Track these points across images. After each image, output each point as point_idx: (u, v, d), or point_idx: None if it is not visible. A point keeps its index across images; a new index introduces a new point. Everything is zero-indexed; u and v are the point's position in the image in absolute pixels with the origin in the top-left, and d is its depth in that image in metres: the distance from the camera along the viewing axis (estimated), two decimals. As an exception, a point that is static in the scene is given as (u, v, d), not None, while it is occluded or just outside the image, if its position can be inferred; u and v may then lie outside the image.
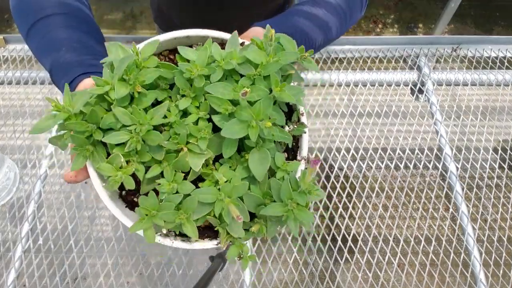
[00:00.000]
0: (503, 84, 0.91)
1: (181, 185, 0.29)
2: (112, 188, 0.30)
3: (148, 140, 0.29)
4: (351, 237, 0.78)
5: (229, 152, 0.30)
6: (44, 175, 0.79)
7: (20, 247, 0.73)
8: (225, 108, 0.29)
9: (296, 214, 0.29)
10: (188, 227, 0.29)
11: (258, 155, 0.30)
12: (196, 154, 0.30)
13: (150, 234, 0.30)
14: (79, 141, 0.29)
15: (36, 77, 0.88)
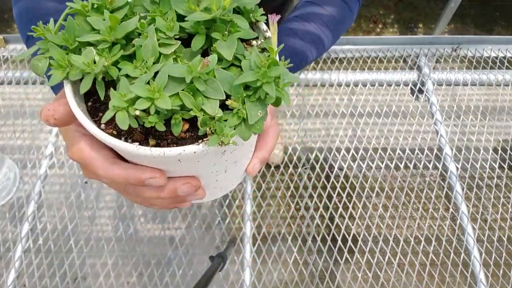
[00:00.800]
0: (503, 84, 0.91)
1: (152, 68, 0.28)
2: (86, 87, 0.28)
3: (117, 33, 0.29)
4: (351, 237, 0.78)
5: (197, 44, 0.30)
6: (44, 175, 0.79)
7: (20, 247, 0.73)
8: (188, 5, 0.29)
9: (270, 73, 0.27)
10: (161, 100, 0.27)
11: (225, 43, 0.30)
12: (165, 45, 0.29)
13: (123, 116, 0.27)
14: (58, 52, 0.29)
15: (36, 77, 0.88)
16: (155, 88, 0.26)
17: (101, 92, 0.30)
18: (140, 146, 0.28)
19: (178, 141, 0.30)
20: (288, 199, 0.84)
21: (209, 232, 1.19)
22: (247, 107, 0.28)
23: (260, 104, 0.29)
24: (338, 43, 0.94)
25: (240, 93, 0.28)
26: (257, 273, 0.75)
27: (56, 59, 0.29)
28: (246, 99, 0.29)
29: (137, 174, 0.30)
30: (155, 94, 0.26)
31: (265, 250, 0.78)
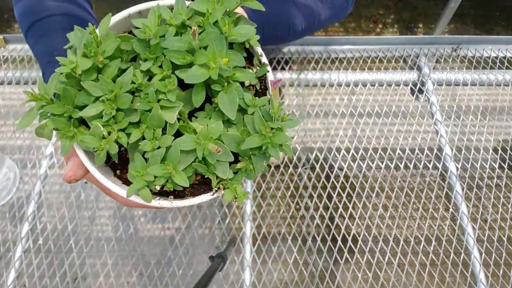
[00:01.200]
0: (503, 84, 0.91)
1: (161, 140, 0.31)
2: (100, 161, 0.30)
3: (121, 104, 0.30)
4: (351, 237, 0.78)
5: (198, 100, 0.32)
6: (44, 175, 0.79)
7: (20, 247, 0.73)
8: (183, 58, 0.30)
9: (274, 140, 0.30)
10: (178, 177, 0.30)
11: (226, 97, 0.31)
12: (168, 108, 0.31)
13: (145, 193, 0.31)
14: (60, 123, 0.30)
15: (36, 77, 0.88)
16: (171, 167, 0.29)
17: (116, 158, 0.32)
18: (162, 202, 0.33)
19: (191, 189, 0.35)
20: (288, 199, 0.84)
21: (209, 232, 1.19)
22: (254, 161, 0.32)
23: (265, 157, 0.32)
24: (338, 43, 0.94)
25: (247, 153, 0.32)
26: (257, 273, 0.75)
27: (62, 130, 0.30)
28: (252, 156, 0.32)
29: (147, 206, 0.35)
30: (171, 171, 0.30)
31: (265, 250, 0.78)
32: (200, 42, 0.30)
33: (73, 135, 0.30)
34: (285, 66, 0.92)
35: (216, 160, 0.30)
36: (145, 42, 0.32)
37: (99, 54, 0.30)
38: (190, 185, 0.33)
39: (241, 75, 0.32)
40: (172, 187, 0.31)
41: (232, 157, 0.31)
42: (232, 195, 0.32)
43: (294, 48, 0.93)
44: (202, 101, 0.32)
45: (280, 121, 0.30)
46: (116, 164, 0.35)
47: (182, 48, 0.30)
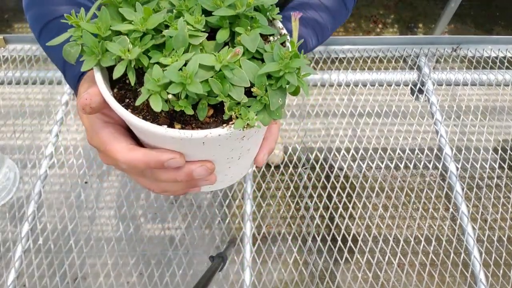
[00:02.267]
0: (503, 84, 0.91)
1: (182, 56, 0.31)
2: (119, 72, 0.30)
3: (150, 25, 0.31)
4: (351, 237, 0.78)
5: (222, 37, 0.33)
6: (44, 175, 0.79)
7: (20, 247, 0.73)
8: (214, 2, 0.32)
9: (292, 64, 0.30)
10: (193, 85, 0.29)
11: (249, 37, 0.32)
12: (194, 36, 0.32)
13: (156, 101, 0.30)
14: (90, 40, 0.31)
15: (36, 77, 0.88)
16: (187, 74, 0.29)
17: (132, 77, 0.31)
18: (169, 129, 0.30)
19: (202, 126, 0.32)
20: (288, 199, 0.84)
21: (209, 232, 1.19)
22: (269, 94, 0.31)
23: (281, 92, 0.31)
24: (338, 43, 0.94)
25: (263, 81, 0.31)
26: (257, 273, 0.75)
27: (89, 46, 0.31)
28: (268, 88, 0.31)
29: (157, 157, 0.31)
30: (187, 79, 0.29)
31: (265, 250, 0.78)
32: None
33: (98, 52, 0.31)
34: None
35: (231, 84, 0.30)
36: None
37: None
38: (201, 122, 0.32)
39: (263, 28, 0.33)
40: (183, 105, 0.30)
41: (248, 81, 0.30)
42: (243, 123, 0.30)
43: (294, 48, 0.93)
44: (225, 38, 0.33)
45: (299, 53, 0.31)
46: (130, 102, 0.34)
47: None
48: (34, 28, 0.50)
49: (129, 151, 0.32)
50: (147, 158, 0.31)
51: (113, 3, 0.32)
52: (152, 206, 0.84)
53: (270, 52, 0.32)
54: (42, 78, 0.88)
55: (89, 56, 0.31)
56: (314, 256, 0.79)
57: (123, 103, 0.33)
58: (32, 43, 0.93)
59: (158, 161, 0.31)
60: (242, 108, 0.31)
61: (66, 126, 0.85)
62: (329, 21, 0.60)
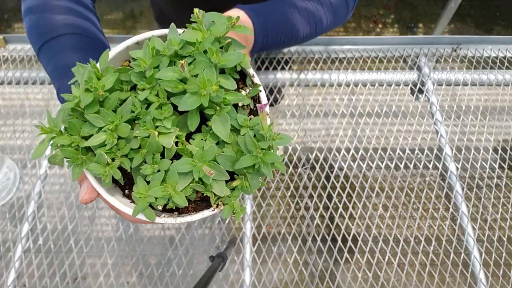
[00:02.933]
0: (503, 84, 0.91)
1: (161, 164, 0.34)
2: (107, 184, 0.33)
3: (121, 133, 0.33)
4: (351, 237, 0.78)
5: (193, 124, 0.34)
6: (44, 175, 0.79)
7: (20, 247, 0.73)
8: (176, 87, 0.33)
9: (265, 159, 0.32)
10: (177, 197, 0.32)
11: (219, 120, 0.34)
12: (165, 134, 0.34)
13: (149, 213, 0.34)
14: (69, 153, 0.33)
15: (36, 77, 0.88)
16: (170, 189, 0.32)
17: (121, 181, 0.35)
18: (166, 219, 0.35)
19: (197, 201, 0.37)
20: (288, 199, 0.84)
21: (209, 232, 1.19)
22: (249, 178, 0.34)
23: (259, 174, 0.34)
24: (338, 43, 0.94)
25: (242, 171, 0.34)
26: (257, 273, 0.75)
27: (71, 158, 0.34)
28: (247, 174, 0.34)
29: None
30: (171, 193, 0.32)
31: (265, 250, 0.78)
32: (191, 71, 0.33)
33: (81, 162, 0.34)
34: (285, 66, 0.92)
35: (213, 180, 0.33)
36: (141, 73, 0.35)
37: (99, 88, 0.32)
38: (192, 201, 0.36)
39: (233, 97, 0.34)
40: (173, 205, 0.34)
41: (227, 175, 0.33)
42: (230, 211, 0.34)
43: (294, 48, 0.93)
44: (197, 125, 0.34)
45: (271, 140, 0.33)
46: (124, 184, 0.38)
47: (174, 78, 0.33)
48: (32, 41, 0.51)
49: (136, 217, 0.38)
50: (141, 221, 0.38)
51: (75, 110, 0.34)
52: (152, 206, 0.84)
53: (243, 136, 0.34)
54: (42, 78, 0.88)
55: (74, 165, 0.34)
56: (314, 256, 0.79)
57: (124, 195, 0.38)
58: (32, 43, 0.93)
59: None
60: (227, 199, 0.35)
61: (66, 126, 0.85)
62: (329, 13, 0.60)
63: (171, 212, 0.37)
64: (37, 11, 0.50)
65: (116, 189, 0.39)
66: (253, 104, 0.38)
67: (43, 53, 0.49)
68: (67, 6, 0.50)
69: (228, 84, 0.33)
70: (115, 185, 0.39)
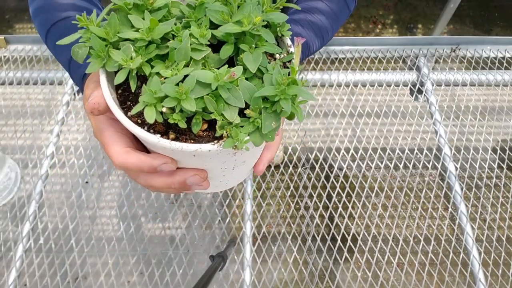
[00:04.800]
0: (502, 84, 0.91)
1: (182, 71, 0.31)
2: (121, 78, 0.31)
3: (155, 35, 0.32)
4: (351, 236, 0.78)
5: (226, 52, 0.33)
6: (45, 175, 0.79)
7: (21, 247, 0.74)
8: (222, 16, 0.32)
9: (288, 90, 0.30)
10: (187, 101, 0.30)
11: (251, 56, 0.33)
12: (197, 50, 0.33)
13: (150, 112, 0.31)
14: (98, 43, 0.32)
15: (37, 78, 0.88)
16: (183, 90, 0.29)
17: (133, 85, 0.32)
18: (161, 138, 0.31)
19: (196, 138, 0.33)
20: (288, 199, 0.85)
21: (209, 231, 1.20)
22: (263, 117, 0.31)
23: (275, 116, 0.31)
24: (338, 44, 0.94)
25: (259, 104, 0.31)
26: (257, 272, 0.75)
27: (96, 50, 0.32)
28: (263, 110, 0.31)
29: (150, 162, 0.33)
30: (182, 95, 0.29)
31: (265, 249, 0.78)
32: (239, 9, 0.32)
33: (104, 56, 0.32)
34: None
35: (226, 103, 0.31)
36: (191, 7, 0.34)
37: None
38: (194, 135, 0.33)
39: (269, 45, 0.33)
40: (176, 118, 0.31)
41: (243, 102, 0.31)
42: (232, 143, 0.31)
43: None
44: (228, 54, 0.33)
45: (299, 80, 0.31)
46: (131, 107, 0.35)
47: (221, 9, 0.33)
48: (41, 32, 0.51)
49: (123, 154, 0.33)
50: (140, 163, 0.33)
51: (123, 9, 0.33)
52: (153, 205, 0.84)
53: (270, 74, 0.32)
54: (43, 78, 0.88)
55: (95, 59, 0.32)
56: (314, 255, 0.79)
57: (125, 105, 0.34)
58: (33, 44, 0.94)
59: (150, 166, 0.33)
60: (234, 129, 0.31)
61: (67, 126, 0.86)
62: (333, 23, 0.61)
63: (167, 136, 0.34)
64: (46, 10, 0.51)
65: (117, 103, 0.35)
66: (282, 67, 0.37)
67: (50, 35, 0.49)
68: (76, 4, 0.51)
69: (268, 37, 0.34)
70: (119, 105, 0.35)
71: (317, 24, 0.58)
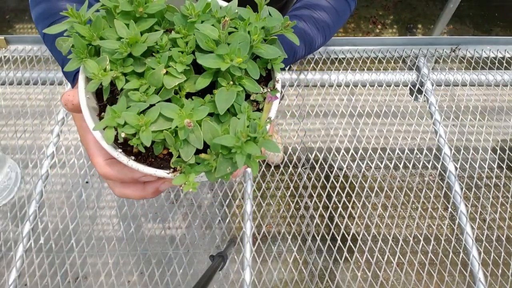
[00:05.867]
0: (502, 84, 0.91)
1: (150, 97, 0.31)
2: (91, 88, 0.31)
3: (135, 51, 0.31)
4: (351, 236, 0.78)
5: (202, 83, 0.33)
6: (46, 175, 0.79)
7: (21, 247, 0.74)
8: (207, 43, 0.32)
9: (245, 147, 0.30)
10: (145, 134, 0.30)
11: (225, 94, 0.32)
12: (172, 76, 0.32)
13: (110, 134, 0.31)
14: (79, 43, 0.31)
15: (37, 78, 0.88)
16: (143, 122, 0.30)
17: (105, 95, 0.33)
18: (120, 155, 0.32)
19: (157, 159, 0.34)
20: (288, 199, 0.85)
21: (209, 231, 1.20)
22: (219, 161, 0.31)
23: (231, 163, 0.31)
24: (338, 44, 0.94)
25: (217, 149, 0.31)
26: (257, 272, 0.75)
27: (77, 48, 0.32)
28: (221, 154, 0.31)
29: (131, 175, 0.34)
30: (142, 127, 0.30)
31: (265, 249, 0.78)
32: (228, 39, 0.32)
33: (83, 57, 0.32)
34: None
35: (185, 140, 0.31)
36: (185, 19, 0.34)
37: (142, 6, 0.31)
38: (154, 157, 0.33)
39: (250, 84, 0.33)
40: (136, 143, 0.31)
41: (201, 144, 0.31)
42: (183, 181, 0.31)
43: (294, 49, 0.93)
44: (205, 85, 0.33)
45: (260, 135, 0.30)
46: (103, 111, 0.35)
47: (211, 36, 0.32)
48: (39, 26, 0.51)
49: (106, 166, 0.34)
50: (121, 175, 0.34)
51: (111, 12, 0.33)
52: (153, 205, 0.84)
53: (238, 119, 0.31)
54: (43, 78, 0.88)
55: (75, 57, 0.32)
56: (313, 255, 0.79)
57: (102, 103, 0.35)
58: (33, 44, 0.94)
59: (131, 178, 0.34)
60: (187, 167, 0.32)
61: (67, 126, 0.86)
62: (335, 22, 0.61)
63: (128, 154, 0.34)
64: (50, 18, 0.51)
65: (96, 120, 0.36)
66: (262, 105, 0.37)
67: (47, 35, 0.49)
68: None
69: (252, 72, 0.33)
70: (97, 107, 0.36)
71: (320, 21, 0.59)
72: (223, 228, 0.83)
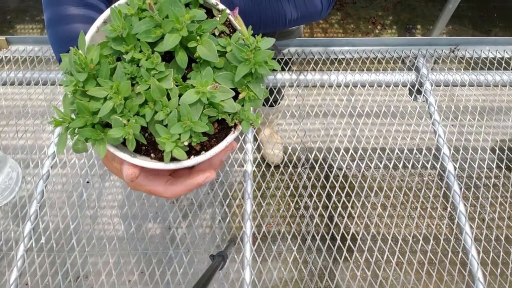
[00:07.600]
0: (501, 84, 0.92)
1: (170, 104, 0.34)
2: (132, 145, 0.34)
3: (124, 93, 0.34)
4: (350, 236, 0.79)
5: (182, 60, 0.35)
6: (47, 175, 0.80)
7: (22, 246, 0.74)
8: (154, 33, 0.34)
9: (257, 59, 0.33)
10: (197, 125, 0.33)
11: (203, 47, 0.35)
12: (163, 78, 0.35)
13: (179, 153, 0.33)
14: (87, 133, 0.34)
15: (38, 78, 0.88)
16: (188, 120, 0.33)
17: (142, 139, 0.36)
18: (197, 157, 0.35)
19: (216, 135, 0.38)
20: (288, 199, 0.85)
21: (209, 231, 1.20)
22: (252, 88, 0.35)
23: (259, 81, 0.35)
24: (337, 44, 0.94)
25: (242, 83, 0.35)
26: (257, 271, 0.75)
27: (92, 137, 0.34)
28: (248, 84, 0.35)
29: (196, 181, 0.38)
30: (189, 124, 0.33)
31: (265, 249, 0.79)
32: (159, 13, 0.33)
33: (101, 137, 0.34)
34: (284, 67, 0.93)
35: (221, 100, 0.33)
36: (119, 39, 0.35)
37: (89, 63, 0.33)
38: (213, 135, 0.36)
39: (208, 25, 0.35)
40: (197, 140, 0.34)
41: (232, 92, 0.34)
42: (248, 124, 0.35)
43: (293, 49, 0.94)
44: (186, 61, 0.35)
45: (256, 43, 0.33)
46: (148, 150, 0.38)
47: (150, 27, 0.34)
48: (55, 51, 0.53)
49: (171, 186, 0.38)
50: (188, 187, 0.38)
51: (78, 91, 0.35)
52: (153, 205, 0.85)
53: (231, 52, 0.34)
54: (44, 78, 0.88)
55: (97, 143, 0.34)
56: (313, 254, 0.80)
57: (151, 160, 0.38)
58: (34, 44, 0.94)
59: (197, 185, 0.38)
60: (242, 114, 0.35)
61: (68, 126, 0.86)
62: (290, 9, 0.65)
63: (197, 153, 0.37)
64: (57, 23, 0.52)
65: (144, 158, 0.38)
66: (228, 30, 0.39)
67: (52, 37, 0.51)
68: (85, 15, 0.52)
69: (198, 14, 0.35)
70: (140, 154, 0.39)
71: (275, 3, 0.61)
72: (223, 228, 0.83)
